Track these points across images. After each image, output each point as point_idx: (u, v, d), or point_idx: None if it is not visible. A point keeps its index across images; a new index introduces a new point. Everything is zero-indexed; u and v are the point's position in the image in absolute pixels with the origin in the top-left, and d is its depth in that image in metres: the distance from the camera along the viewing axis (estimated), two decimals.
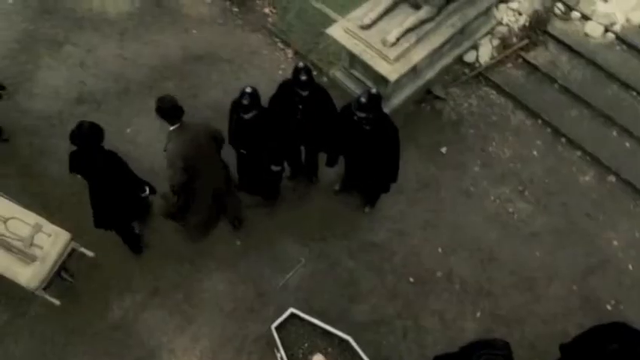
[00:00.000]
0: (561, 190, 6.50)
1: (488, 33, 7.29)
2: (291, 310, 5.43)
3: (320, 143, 5.76)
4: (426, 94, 7.06)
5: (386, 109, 6.01)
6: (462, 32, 6.80)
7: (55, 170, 6.29)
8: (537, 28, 7.29)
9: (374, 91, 4.95)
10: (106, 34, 7.49)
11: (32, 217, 5.04)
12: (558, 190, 6.50)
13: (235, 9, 7.88)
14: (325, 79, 7.04)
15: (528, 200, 6.42)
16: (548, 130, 6.90)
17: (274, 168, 5.56)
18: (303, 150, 6.05)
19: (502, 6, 7.44)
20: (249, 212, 6.21)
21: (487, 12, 7.04)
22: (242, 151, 5.47)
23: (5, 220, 4.94)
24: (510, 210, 6.35)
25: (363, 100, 4.84)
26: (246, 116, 4.96)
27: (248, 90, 4.87)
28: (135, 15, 7.72)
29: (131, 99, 6.92)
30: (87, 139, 4.77)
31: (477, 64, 7.25)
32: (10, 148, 6.43)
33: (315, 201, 6.35)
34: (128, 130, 6.67)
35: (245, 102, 4.87)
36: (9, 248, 4.86)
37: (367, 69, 6.38)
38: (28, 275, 4.84)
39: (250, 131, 5.19)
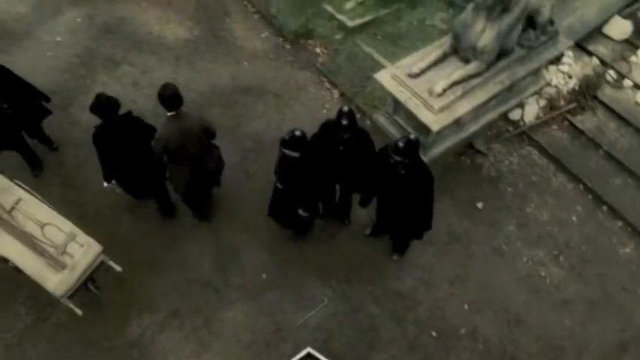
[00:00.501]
0: (598, 260, 6.30)
1: (535, 93, 7.26)
2: (309, 349, 5.37)
3: (356, 184, 5.78)
4: (468, 147, 7.02)
5: (425, 158, 6.01)
6: (510, 90, 6.77)
7: (96, 182, 6.43)
8: (587, 92, 7.22)
9: (412, 136, 4.98)
10: (162, 57, 7.78)
11: (68, 226, 5.17)
12: (595, 259, 6.30)
13: (288, 46, 8.08)
14: (368, 122, 7.09)
15: (562, 266, 6.24)
16: (590, 196, 6.74)
17: (302, 213, 5.58)
18: (337, 189, 6.07)
19: (552, 68, 7.42)
20: (279, 246, 6.23)
21: (536, 72, 7.01)
22: (279, 185, 5.53)
23: (43, 226, 5.08)
24: (543, 274, 6.18)
25: (400, 144, 4.87)
26: (287, 152, 5.06)
27: (297, 133, 4.99)
28: (191, 43, 8.00)
29: None
30: (104, 108, 5.16)
31: (521, 123, 7.20)
32: (58, 158, 6.66)
33: (345, 242, 6.32)
34: None
35: (286, 138, 5.00)
36: (42, 253, 4.97)
37: (410, 117, 6.40)
38: (55, 282, 4.93)
39: (290, 168, 5.28)
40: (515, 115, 7.21)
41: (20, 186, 5.39)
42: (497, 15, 5.97)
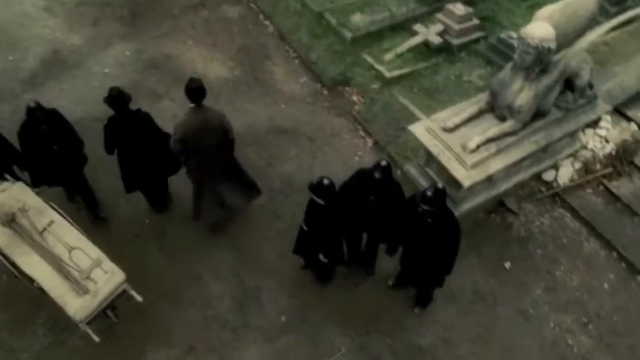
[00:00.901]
0: (630, 332, 6.04)
1: (571, 155, 7.18)
2: None
3: (384, 234, 5.74)
4: (498, 205, 6.93)
5: (455, 213, 5.94)
6: (544, 150, 6.72)
7: (128, 211, 6.61)
8: (624, 158, 7.11)
9: (440, 185, 4.99)
10: None
11: (95, 252, 5.25)
12: (626, 331, 6.04)
13: (325, 92, 8.22)
14: (399, 172, 7.09)
15: (591, 335, 6.00)
16: (623, 264, 6.53)
17: (322, 258, 5.60)
18: (364, 237, 6.03)
19: (589, 131, 7.35)
20: (300, 290, 6.18)
21: (573, 135, 6.96)
22: (304, 227, 5.54)
23: (71, 250, 5.18)
24: (570, 342, 5.95)
25: (429, 193, 4.89)
26: (313, 195, 5.13)
27: (325, 182, 5.07)
28: (232, 82, 8.22)
29: None
30: (116, 100, 5.61)
31: (554, 184, 7.09)
32: (93, 184, 6.78)
33: (367, 292, 6.23)
34: None
35: (314, 183, 5.08)
36: (67, 276, 5.05)
37: (442, 170, 6.39)
38: (77, 306, 4.97)
39: (315, 213, 5.32)
40: (548, 176, 7.12)
41: (54, 208, 5.53)
42: (535, 76, 6.00)
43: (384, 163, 5.18)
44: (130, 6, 9.11)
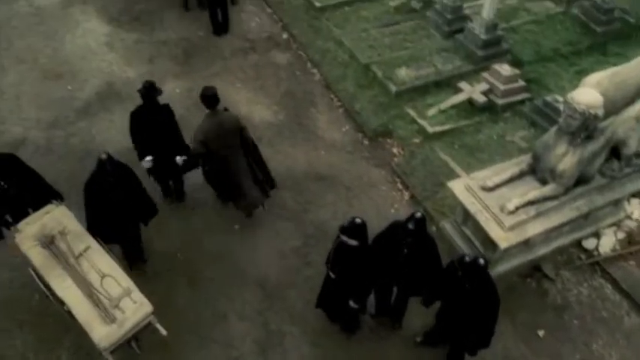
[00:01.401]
0: None
1: (614, 224, 6.97)
2: None
3: (414, 288, 5.64)
4: (534, 269, 6.74)
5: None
6: (586, 217, 6.55)
7: (161, 245, 6.69)
8: None
9: (482, 262, 4.89)
10: None
11: (126, 281, 5.33)
12: None
13: (366, 142, 8.26)
14: (434, 228, 7.00)
15: None
16: None
17: (352, 304, 5.52)
18: (394, 291, 5.93)
19: (635, 201, 7.14)
20: (324, 340, 6.07)
21: (617, 203, 6.78)
22: (331, 274, 5.50)
23: (103, 276, 5.27)
24: None
25: (467, 259, 4.93)
26: (344, 239, 5.09)
27: (357, 221, 5.06)
28: (275, 126, 8.37)
29: None
30: (148, 91, 6.15)
31: (595, 253, 6.87)
32: None
33: (393, 347, 6.06)
34: (236, 227, 7.00)
35: (346, 225, 5.06)
36: (96, 303, 5.12)
37: (479, 230, 6.28)
38: (102, 334, 5.02)
39: (346, 257, 5.26)
40: (589, 244, 6.91)
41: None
42: (580, 141, 5.91)
43: (418, 215, 5.15)
44: (185, 46, 9.49)
